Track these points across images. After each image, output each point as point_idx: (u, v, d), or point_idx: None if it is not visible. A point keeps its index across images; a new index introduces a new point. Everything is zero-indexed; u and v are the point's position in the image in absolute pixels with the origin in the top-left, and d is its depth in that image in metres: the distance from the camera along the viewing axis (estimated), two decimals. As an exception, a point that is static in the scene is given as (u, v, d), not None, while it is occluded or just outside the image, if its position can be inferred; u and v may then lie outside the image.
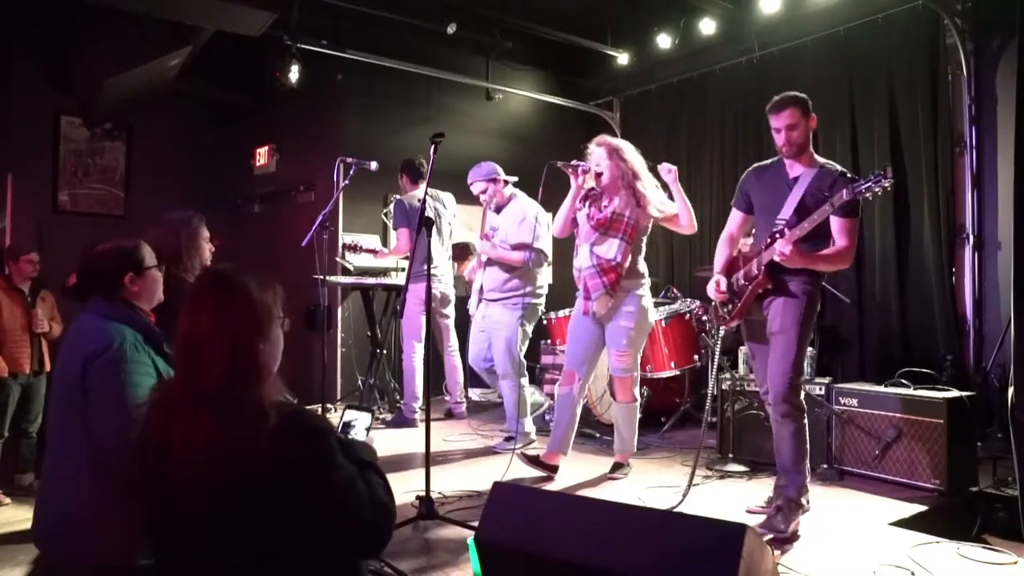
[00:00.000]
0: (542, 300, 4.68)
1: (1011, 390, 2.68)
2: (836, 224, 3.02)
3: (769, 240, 3.09)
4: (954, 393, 3.71)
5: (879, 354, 5.36)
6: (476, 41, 6.95)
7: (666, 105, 7.15)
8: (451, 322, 5.52)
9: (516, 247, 4.41)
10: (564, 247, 4.18)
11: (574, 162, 3.86)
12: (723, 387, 4.35)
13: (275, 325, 1.55)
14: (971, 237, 5.00)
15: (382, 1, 6.03)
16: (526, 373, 4.67)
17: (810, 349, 4.31)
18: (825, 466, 3.94)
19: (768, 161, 3.36)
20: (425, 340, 3.59)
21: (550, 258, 4.60)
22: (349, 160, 4.93)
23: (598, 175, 3.79)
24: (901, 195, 5.29)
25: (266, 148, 7.34)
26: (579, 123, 7.81)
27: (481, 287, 4.64)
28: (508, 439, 4.66)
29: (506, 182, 4.59)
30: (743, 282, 3.24)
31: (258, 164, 7.47)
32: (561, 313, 5.28)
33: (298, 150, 7.11)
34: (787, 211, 3.09)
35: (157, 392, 1.57)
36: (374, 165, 4.99)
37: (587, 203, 3.90)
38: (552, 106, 7.31)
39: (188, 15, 4.90)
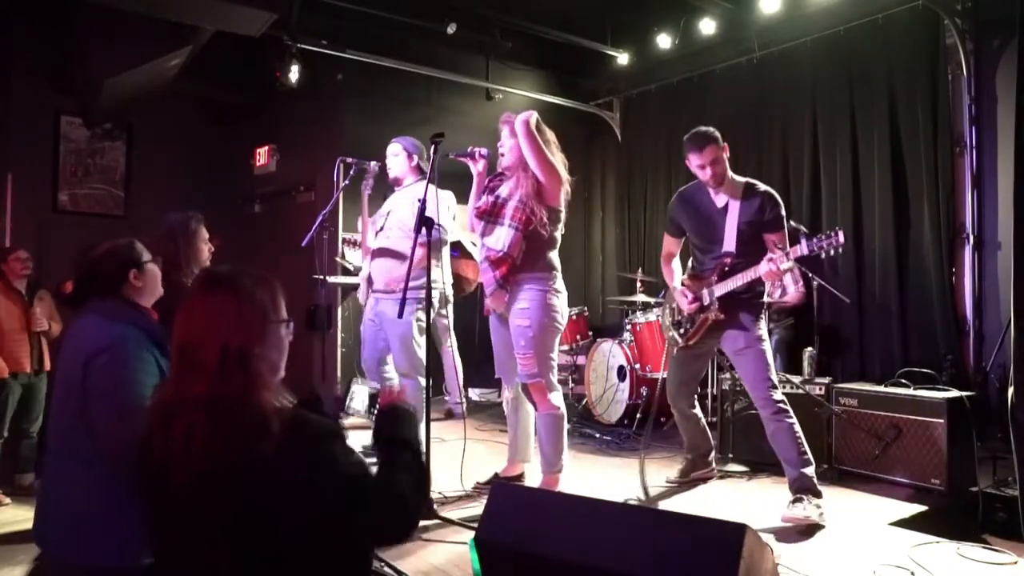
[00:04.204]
0: (438, 292, 4.37)
1: (1011, 390, 2.69)
2: (775, 237, 3.37)
3: (717, 276, 3.43)
4: (954, 393, 3.71)
5: (879, 354, 5.36)
6: (476, 41, 6.95)
7: (666, 105, 7.14)
8: (450, 322, 5.53)
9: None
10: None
11: (470, 149, 3.60)
12: (723, 387, 4.34)
13: (272, 328, 1.49)
14: (971, 237, 5.00)
15: (382, 1, 6.03)
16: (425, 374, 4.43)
17: (810, 349, 4.32)
18: (825, 466, 3.93)
19: (689, 186, 3.69)
20: (426, 340, 3.58)
21: (447, 241, 4.31)
22: (349, 160, 4.93)
23: (501, 156, 3.50)
24: (901, 195, 5.29)
25: (266, 148, 7.35)
26: (579, 123, 7.83)
27: (369, 278, 4.33)
28: None
29: (419, 167, 4.31)
30: (693, 307, 3.54)
31: (258, 164, 7.48)
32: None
33: (298, 150, 7.11)
34: (729, 243, 3.41)
35: (156, 396, 1.51)
36: (374, 165, 4.98)
37: (485, 192, 3.58)
38: (552, 106, 7.31)
39: (188, 15, 4.89)
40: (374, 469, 1.53)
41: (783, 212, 3.43)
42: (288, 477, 1.34)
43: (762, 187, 3.46)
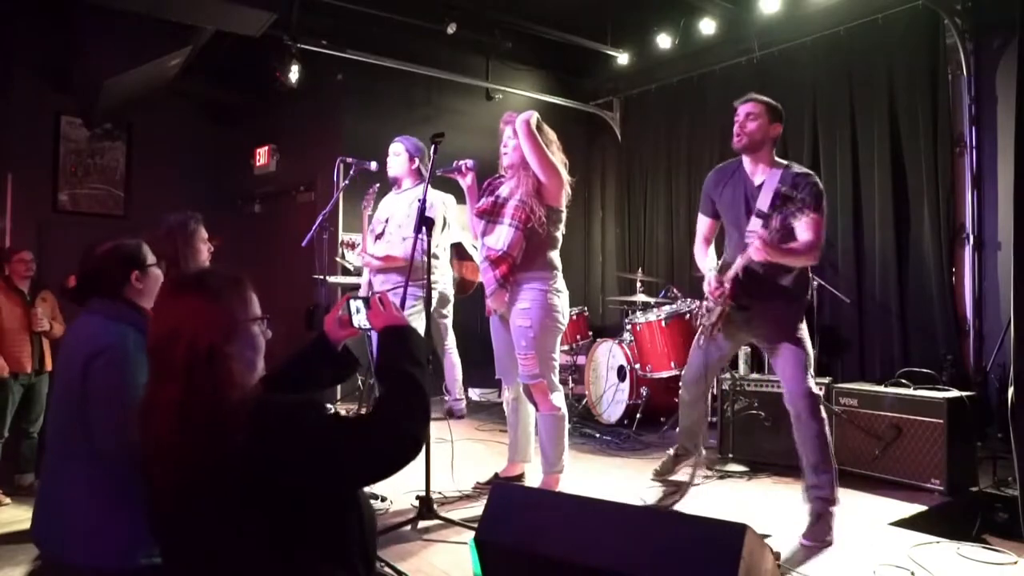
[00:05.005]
0: (438, 292, 4.42)
1: (1011, 390, 2.68)
2: (805, 220, 2.97)
3: (742, 259, 3.12)
4: (954, 393, 3.71)
5: (879, 354, 5.36)
6: (476, 41, 6.94)
7: (666, 105, 7.15)
8: (449, 321, 5.53)
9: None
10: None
11: (455, 163, 3.59)
12: (723, 387, 4.34)
13: (243, 327, 1.48)
14: (971, 237, 4.99)
15: (382, 1, 6.03)
16: None
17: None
18: (825, 466, 3.93)
19: (727, 163, 3.39)
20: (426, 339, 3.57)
21: (439, 242, 4.31)
22: (349, 160, 4.93)
23: (504, 155, 3.48)
24: (901, 195, 5.29)
25: (266, 148, 7.35)
26: (579, 123, 7.83)
27: (370, 282, 4.38)
28: None
29: (419, 170, 4.33)
30: (716, 292, 3.24)
31: (258, 164, 7.48)
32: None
33: (298, 150, 7.12)
34: (756, 223, 3.10)
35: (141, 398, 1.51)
36: (374, 165, 4.98)
37: (485, 193, 3.56)
38: (552, 106, 7.31)
39: (188, 15, 4.90)
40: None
41: (821, 194, 3.07)
42: (262, 462, 1.34)
43: (804, 169, 3.19)
